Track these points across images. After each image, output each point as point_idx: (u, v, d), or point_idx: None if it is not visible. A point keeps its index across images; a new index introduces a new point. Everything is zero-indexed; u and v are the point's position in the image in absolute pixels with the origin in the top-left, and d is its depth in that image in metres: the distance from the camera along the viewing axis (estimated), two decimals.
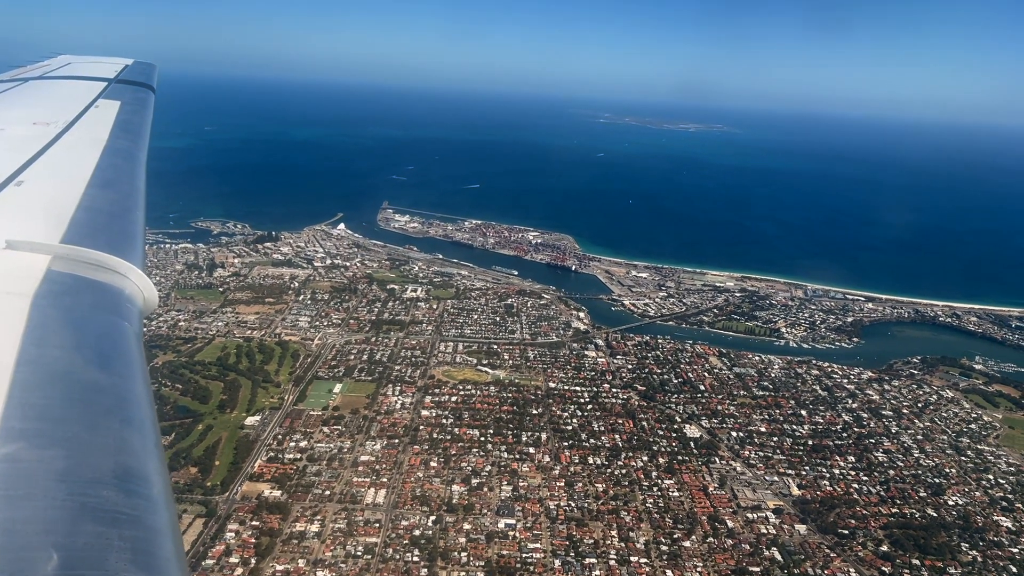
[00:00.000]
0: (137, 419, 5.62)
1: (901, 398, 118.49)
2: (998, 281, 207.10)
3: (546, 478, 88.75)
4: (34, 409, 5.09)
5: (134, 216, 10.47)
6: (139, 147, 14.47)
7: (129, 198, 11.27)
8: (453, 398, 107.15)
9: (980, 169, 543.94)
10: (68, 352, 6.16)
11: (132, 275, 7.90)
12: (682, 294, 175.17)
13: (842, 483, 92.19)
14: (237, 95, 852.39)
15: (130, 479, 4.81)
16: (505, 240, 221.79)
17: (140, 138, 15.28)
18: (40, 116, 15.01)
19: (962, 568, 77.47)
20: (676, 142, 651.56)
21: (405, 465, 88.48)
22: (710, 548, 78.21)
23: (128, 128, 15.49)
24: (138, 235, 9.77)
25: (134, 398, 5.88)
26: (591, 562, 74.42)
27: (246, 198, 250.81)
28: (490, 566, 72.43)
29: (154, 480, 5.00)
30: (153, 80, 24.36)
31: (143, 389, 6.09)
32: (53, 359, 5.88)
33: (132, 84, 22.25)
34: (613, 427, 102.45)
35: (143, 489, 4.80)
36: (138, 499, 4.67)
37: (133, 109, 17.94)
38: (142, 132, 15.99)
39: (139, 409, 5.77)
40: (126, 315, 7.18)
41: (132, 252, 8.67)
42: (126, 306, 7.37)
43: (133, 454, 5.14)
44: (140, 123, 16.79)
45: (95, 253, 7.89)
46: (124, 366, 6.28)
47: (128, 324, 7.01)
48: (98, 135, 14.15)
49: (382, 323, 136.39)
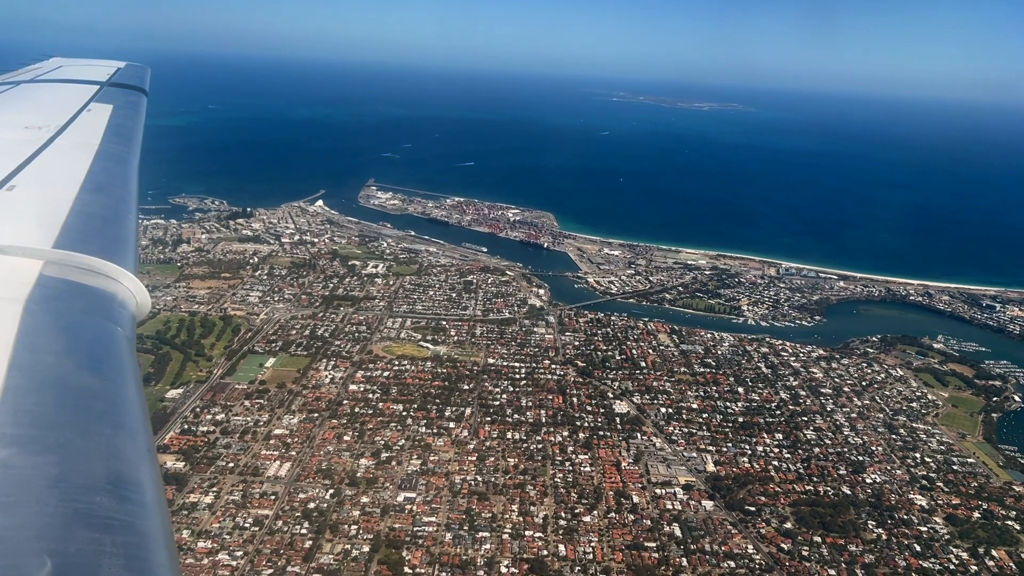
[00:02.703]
0: (129, 424, 5.62)
1: (846, 376, 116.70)
2: (981, 260, 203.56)
3: (459, 452, 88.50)
4: (27, 415, 5.07)
5: (127, 220, 10.50)
6: (131, 151, 14.54)
7: (121, 202, 11.30)
8: (385, 373, 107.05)
9: (982, 146, 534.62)
10: (60, 357, 6.17)
11: (124, 280, 7.90)
12: (650, 272, 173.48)
13: (762, 460, 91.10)
14: (245, 75, 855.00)
15: (123, 485, 4.80)
16: (484, 217, 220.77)
17: (132, 142, 15.37)
18: (32, 120, 15.15)
19: (864, 545, 76.34)
20: (685, 121, 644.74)
21: (318, 439, 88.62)
22: (610, 523, 77.70)
23: (120, 132, 15.59)
24: (131, 239, 9.77)
25: (126, 403, 5.88)
26: (484, 535, 74.22)
27: (232, 175, 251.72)
28: (378, 539, 72.35)
29: (147, 486, 4.99)
30: (146, 83, 24.50)
31: (136, 394, 6.10)
32: (45, 364, 5.89)
33: (124, 87, 22.40)
34: (541, 403, 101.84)
35: (136, 495, 4.79)
36: (131, 505, 4.66)
37: (125, 113, 18.03)
38: (134, 136, 16.08)
39: (132, 414, 5.77)
40: (118, 320, 7.17)
41: (125, 257, 8.68)
42: (118, 311, 7.38)
43: (126, 460, 5.13)
44: (132, 127, 16.90)
45: (87, 258, 7.88)
46: (116, 371, 6.27)
47: (120, 329, 6.99)
48: (90, 139, 14.24)
49: (335, 298, 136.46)
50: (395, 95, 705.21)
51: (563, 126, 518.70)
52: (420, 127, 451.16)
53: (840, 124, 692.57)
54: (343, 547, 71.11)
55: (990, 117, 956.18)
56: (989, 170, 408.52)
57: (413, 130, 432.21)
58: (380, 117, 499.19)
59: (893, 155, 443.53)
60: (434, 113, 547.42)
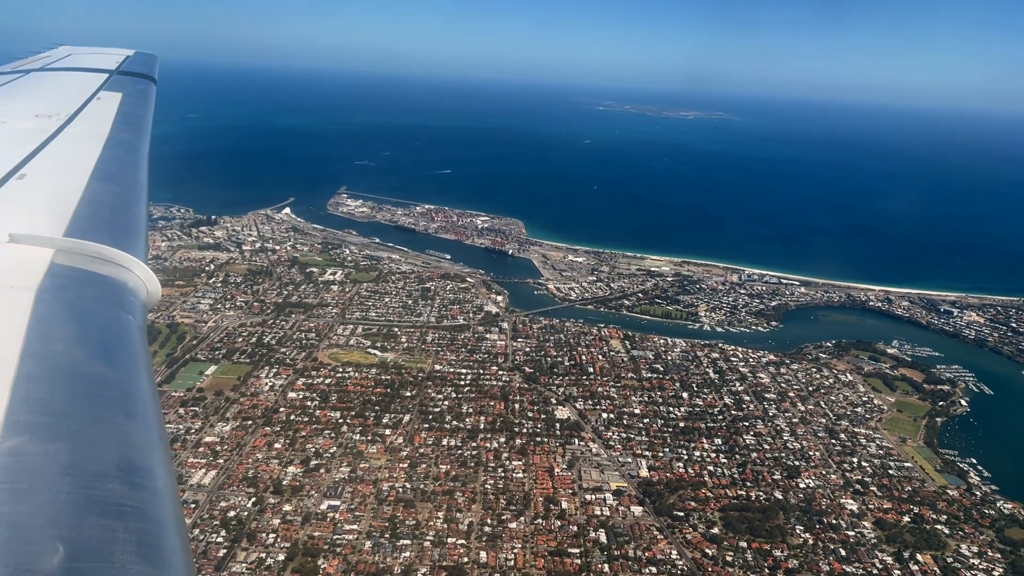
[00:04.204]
0: (141, 412, 5.63)
1: (793, 381, 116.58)
2: (946, 266, 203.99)
3: (391, 460, 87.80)
4: (38, 403, 5.07)
5: (136, 209, 10.56)
6: (141, 139, 14.62)
7: (131, 191, 11.34)
8: (327, 380, 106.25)
9: (968, 156, 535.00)
10: (72, 346, 6.18)
11: (135, 268, 7.97)
12: (612, 278, 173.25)
13: (697, 465, 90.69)
14: (229, 83, 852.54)
15: (135, 472, 4.81)
16: (452, 225, 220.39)
17: (142, 130, 15.42)
18: (42, 108, 15.17)
19: (789, 550, 75.99)
20: (669, 129, 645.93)
21: (248, 447, 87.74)
22: (536, 529, 77.10)
23: (130, 120, 15.63)
24: (141, 228, 9.86)
25: (138, 391, 5.90)
26: (405, 543, 73.49)
27: (202, 183, 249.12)
28: (295, 548, 71.57)
29: (159, 473, 5.00)
30: (154, 71, 24.55)
31: (147, 382, 6.11)
32: (57, 353, 5.89)
33: (133, 75, 22.43)
34: (482, 409, 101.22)
35: (148, 482, 4.80)
36: (143, 492, 4.66)
37: (135, 101, 18.08)
38: (144, 124, 16.09)
39: (143, 402, 5.78)
40: (129, 308, 7.18)
41: (135, 245, 8.77)
42: (129, 299, 7.40)
43: (137, 447, 5.14)
44: (142, 115, 16.94)
45: (98, 246, 7.92)
46: (128, 359, 6.30)
47: (131, 317, 7.02)
48: (100, 127, 14.29)
49: (288, 306, 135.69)
50: (379, 104, 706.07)
51: (546, 134, 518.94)
52: (402, 135, 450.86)
53: (827, 133, 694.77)
54: (257, 555, 70.24)
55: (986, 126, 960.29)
56: (972, 178, 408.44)
57: (394, 138, 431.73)
58: (362, 125, 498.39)
59: (876, 164, 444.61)
60: (417, 121, 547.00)
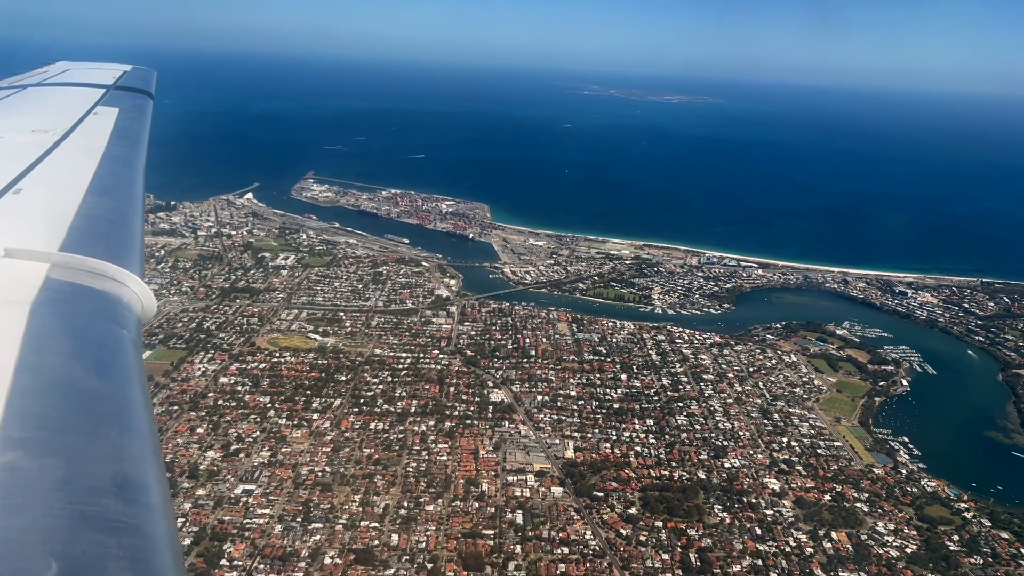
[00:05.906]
0: (136, 427, 5.55)
1: (735, 362, 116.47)
2: (907, 247, 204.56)
3: (315, 444, 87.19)
4: (33, 417, 5.00)
5: (133, 224, 10.52)
6: (138, 154, 14.55)
7: (128, 205, 11.31)
8: (262, 365, 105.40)
9: (954, 138, 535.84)
10: (67, 360, 6.13)
11: (131, 283, 7.87)
12: (571, 262, 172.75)
13: (625, 446, 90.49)
14: (207, 69, 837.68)
15: (129, 487, 4.73)
16: (416, 209, 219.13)
17: (139, 145, 15.36)
18: (39, 123, 15.16)
19: (705, 529, 75.94)
20: (650, 113, 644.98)
21: (169, 432, 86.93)
22: (452, 511, 76.73)
23: (127, 135, 15.61)
24: (137, 243, 9.80)
25: (133, 406, 5.83)
26: (316, 527, 73.00)
27: (166, 169, 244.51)
28: (203, 532, 71.00)
29: (153, 488, 4.92)
30: (152, 86, 24.47)
31: (141, 397, 6.05)
32: (52, 367, 5.84)
33: (131, 90, 22.28)
34: (416, 393, 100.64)
35: (142, 497, 4.73)
36: (137, 507, 4.59)
37: (132, 116, 18.00)
38: (141, 139, 16.07)
39: (138, 417, 5.70)
40: (124, 323, 7.13)
41: (131, 260, 8.67)
42: (124, 314, 7.35)
43: (132, 462, 5.05)
44: (139, 130, 16.90)
45: (94, 261, 7.85)
46: (122, 374, 6.25)
47: (126, 332, 6.96)
48: (97, 142, 14.24)
49: (234, 291, 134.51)
50: (359, 88, 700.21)
51: (527, 119, 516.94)
52: (378, 120, 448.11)
53: (814, 116, 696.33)
54: None
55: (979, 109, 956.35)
56: (951, 160, 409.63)
57: (370, 123, 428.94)
58: (338, 110, 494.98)
59: (856, 146, 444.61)
60: (393, 106, 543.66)
